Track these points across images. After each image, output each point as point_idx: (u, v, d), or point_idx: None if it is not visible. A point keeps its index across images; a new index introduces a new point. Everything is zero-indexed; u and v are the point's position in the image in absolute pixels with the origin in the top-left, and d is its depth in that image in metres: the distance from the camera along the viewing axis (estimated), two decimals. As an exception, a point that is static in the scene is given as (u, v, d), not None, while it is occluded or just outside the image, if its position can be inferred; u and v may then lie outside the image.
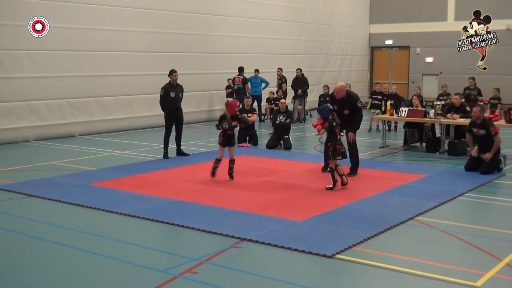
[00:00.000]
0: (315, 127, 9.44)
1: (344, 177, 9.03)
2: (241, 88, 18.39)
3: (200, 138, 15.12)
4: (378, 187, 9.14)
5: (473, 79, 18.28)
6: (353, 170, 10.17)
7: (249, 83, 18.72)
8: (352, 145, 10.08)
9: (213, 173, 9.68)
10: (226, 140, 9.67)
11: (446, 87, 17.82)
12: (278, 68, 19.55)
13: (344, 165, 9.52)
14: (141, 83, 16.88)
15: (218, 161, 9.69)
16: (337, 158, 8.92)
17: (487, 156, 10.25)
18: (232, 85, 18.83)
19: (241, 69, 18.68)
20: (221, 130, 9.68)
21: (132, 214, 7.56)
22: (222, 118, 9.69)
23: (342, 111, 9.81)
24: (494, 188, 9.43)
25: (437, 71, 26.18)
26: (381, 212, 7.66)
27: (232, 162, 9.68)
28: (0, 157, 12.05)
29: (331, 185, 8.86)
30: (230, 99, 10.56)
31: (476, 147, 10.69)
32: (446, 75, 25.33)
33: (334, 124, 8.97)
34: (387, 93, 16.90)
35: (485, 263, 5.81)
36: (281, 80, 19.28)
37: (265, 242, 6.36)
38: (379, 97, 16.89)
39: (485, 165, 10.25)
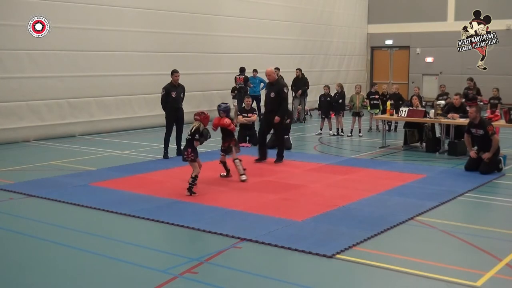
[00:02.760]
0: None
1: (229, 172, 9.82)
2: (242, 88, 18.39)
3: (200, 138, 15.10)
4: (378, 187, 9.14)
5: (471, 79, 18.32)
6: (279, 156, 11.32)
7: (248, 82, 18.74)
8: (278, 130, 11.43)
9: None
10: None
11: (444, 87, 17.89)
12: (275, 68, 19.47)
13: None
14: (141, 83, 16.88)
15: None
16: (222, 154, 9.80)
17: (486, 156, 10.25)
18: (235, 84, 18.86)
19: (242, 70, 18.70)
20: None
21: (132, 214, 7.56)
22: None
23: (269, 93, 11.31)
24: (494, 188, 9.43)
25: (437, 71, 26.18)
26: (381, 212, 7.66)
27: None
28: (0, 157, 12.05)
29: (225, 173, 9.80)
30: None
31: (474, 148, 10.69)
32: (446, 75, 25.34)
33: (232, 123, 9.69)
34: (386, 94, 16.94)
35: (485, 263, 5.81)
36: None
37: (265, 242, 6.37)
38: (376, 96, 16.92)
39: (485, 165, 10.25)
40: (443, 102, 13.94)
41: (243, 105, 14.46)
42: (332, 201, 8.20)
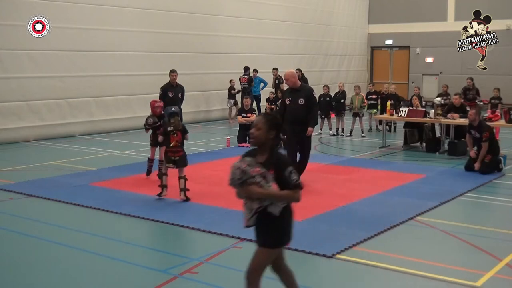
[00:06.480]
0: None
1: (166, 189, 8.34)
2: (246, 88, 18.40)
3: (199, 138, 15.12)
4: (378, 187, 9.14)
5: (471, 79, 18.33)
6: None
7: (252, 82, 18.78)
8: (307, 144, 9.47)
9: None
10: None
11: (446, 87, 17.88)
12: (274, 69, 19.56)
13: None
14: (141, 83, 16.87)
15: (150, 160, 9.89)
16: (168, 166, 8.31)
17: (477, 166, 10.21)
18: (234, 86, 18.87)
19: (246, 69, 18.75)
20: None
21: (132, 214, 7.56)
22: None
23: (296, 101, 9.26)
24: (494, 188, 9.43)
25: (437, 71, 26.18)
26: (381, 212, 7.66)
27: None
28: (0, 157, 12.04)
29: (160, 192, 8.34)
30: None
31: (475, 148, 10.69)
32: (446, 75, 25.33)
33: (169, 129, 8.31)
34: (386, 93, 16.92)
35: (485, 263, 5.81)
36: (278, 80, 19.30)
37: (265, 242, 6.36)
38: (373, 96, 16.91)
39: (485, 165, 10.24)
40: (439, 98, 13.97)
41: (243, 105, 14.44)
42: (332, 201, 8.19)
